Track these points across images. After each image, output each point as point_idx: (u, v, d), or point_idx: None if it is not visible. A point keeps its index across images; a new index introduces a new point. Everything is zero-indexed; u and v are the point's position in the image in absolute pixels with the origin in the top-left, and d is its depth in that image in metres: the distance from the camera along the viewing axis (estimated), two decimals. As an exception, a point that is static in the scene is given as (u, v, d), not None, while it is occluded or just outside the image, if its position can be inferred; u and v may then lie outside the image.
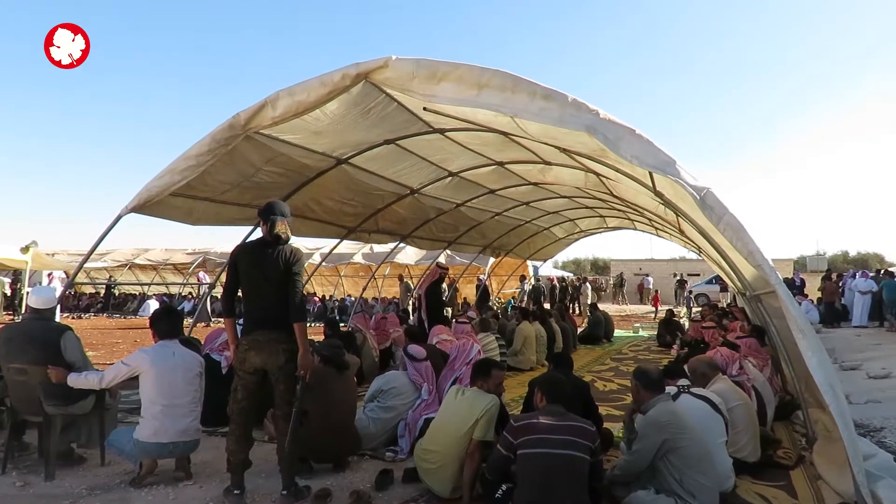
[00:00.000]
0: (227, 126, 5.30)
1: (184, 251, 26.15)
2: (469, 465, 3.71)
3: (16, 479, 4.06)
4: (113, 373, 4.06)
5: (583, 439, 3.19)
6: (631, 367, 8.66)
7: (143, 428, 3.96)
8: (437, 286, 10.48)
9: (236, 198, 6.79)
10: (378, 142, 6.72)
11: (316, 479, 4.07)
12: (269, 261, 3.74)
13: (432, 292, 10.28)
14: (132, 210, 5.84)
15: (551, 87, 3.94)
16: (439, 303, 10.56)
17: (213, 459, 4.40)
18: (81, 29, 6.80)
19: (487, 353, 7.43)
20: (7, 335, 4.29)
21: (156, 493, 3.89)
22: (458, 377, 5.37)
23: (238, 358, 3.79)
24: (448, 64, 4.26)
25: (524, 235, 15.52)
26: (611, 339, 14.03)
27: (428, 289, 10.29)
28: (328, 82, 4.83)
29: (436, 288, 10.42)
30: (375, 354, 8.22)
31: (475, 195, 10.27)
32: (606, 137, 3.72)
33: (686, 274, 30.60)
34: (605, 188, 8.56)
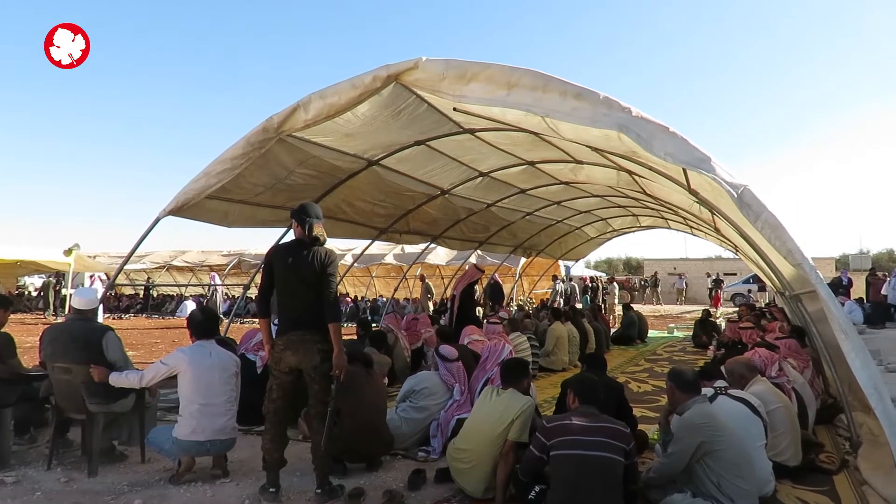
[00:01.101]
0: (261, 129, 5.38)
1: (219, 252, 26.67)
2: (503, 466, 3.69)
3: (61, 475, 4.19)
4: (152, 372, 4.16)
5: (617, 441, 3.15)
6: (665, 368, 8.54)
7: (182, 426, 4.04)
8: (471, 287, 10.52)
9: (270, 200, 6.88)
10: (408, 143, 6.75)
11: (349, 479, 4.11)
12: (304, 262, 3.78)
13: (467, 293, 10.32)
14: (170, 213, 5.97)
15: (582, 86, 3.90)
16: (472, 303, 10.60)
17: (249, 457, 4.47)
18: (81, 29, 6.76)
19: (519, 353, 7.40)
20: (51, 336, 4.43)
21: (194, 490, 3.97)
22: (490, 377, 5.35)
23: (273, 358, 3.84)
24: (478, 64, 4.26)
25: (555, 235, 15.40)
26: (644, 339, 13.83)
27: (464, 289, 10.34)
28: (359, 84, 4.87)
29: (470, 289, 10.47)
30: (407, 355, 8.25)
31: (506, 195, 10.23)
32: (639, 136, 3.66)
33: (722, 273, 29.97)
34: (638, 187, 8.45)
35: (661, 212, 12.19)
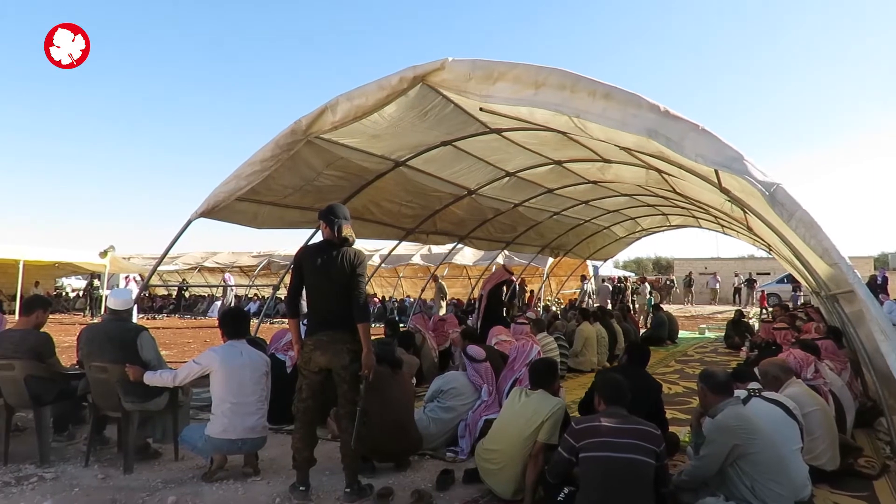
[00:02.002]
0: (289, 132, 5.44)
1: (249, 254, 27.08)
2: (532, 468, 3.67)
3: (98, 472, 4.30)
4: (185, 371, 4.24)
5: (647, 443, 3.11)
6: (697, 370, 8.40)
7: (214, 425, 4.11)
8: (499, 288, 10.55)
9: (298, 201, 6.96)
10: (435, 143, 6.76)
11: (378, 478, 4.13)
12: (333, 263, 3.81)
13: (494, 293, 10.33)
14: (201, 215, 6.08)
15: (611, 84, 3.85)
16: (499, 304, 10.62)
17: (279, 456, 4.52)
18: (82, 29, 6.71)
19: (547, 354, 7.35)
20: (88, 335, 4.54)
21: (226, 487, 4.03)
22: (518, 378, 5.33)
23: (303, 358, 3.88)
24: (504, 64, 4.24)
25: (583, 235, 15.27)
26: (675, 340, 13.63)
27: (492, 290, 10.35)
28: (386, 86, 4.89)
29: (498, 290, 10.49)
30: (435, 355, 8.26)
31: (533, 195, 10.18)
32: (669, 139, 3.61)
33: (755, 273, 29.39)
34: (667, 185, 8.34)
35: (692, 210, 12.00)
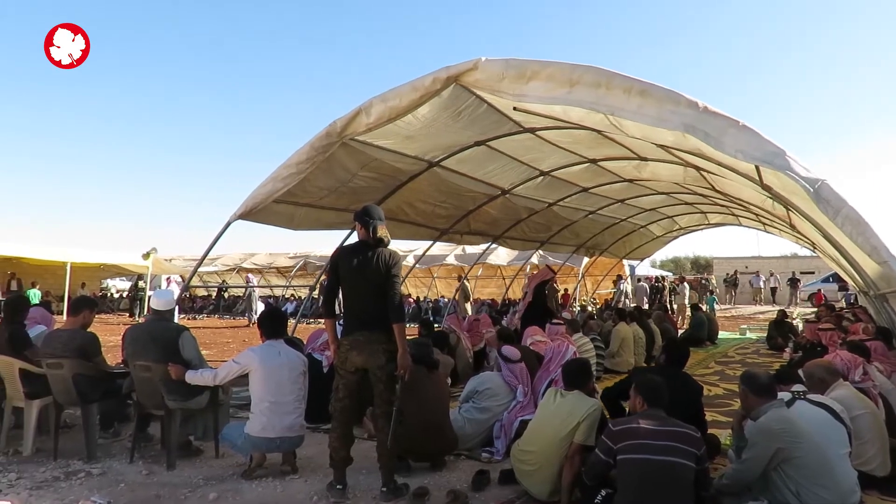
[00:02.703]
0: (325, 134, 5.51)
1: (286, 255, 27.53)
2: (568, 469, 3.64)
3: (142, 468, 4.41)
4: (225, 370, 4.32)
5: (687, 445, 3.05)
6: (738, 371, 8.20)
7: (253, 423, 4.18)
8: (543, 287, 10.60)
9: (333, 203, 7.04)
10: (468, 143, 6.76)
11: (414, 478, 4.14)
12: (368, 263, 3.83)
13: (539, 292, 10.39)
14: (240, 217, 6.20)
15: (647, 81, 3.81)
16: (543, 302, 10.70)
17: (317, 455, 4.57)
18: (82, 29, 6.64)
19: (583, 354, 7.27)
20: (132, 335, 4.67)
21: (265, 485, 4.10)
22: (554, 379, 5.28)
23: (339, 357, 3.92)
24: (538, 62, 4.22)
25: (619, 234, 15.07)
26: (715, 341, 13.33)
27: (537, 287, 10.42)
28: (419, 87, 4.92)
29: (542, 288, 10.56)
30: (469, 355, 8.25)
31: (567, 194, 10.10)
32: (707, 134, 3.53)
33: (799, 272, 28.55)
34: (706, 183, 8.17)
35: (732, 208, 11.73)
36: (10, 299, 5.86)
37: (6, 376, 4.79)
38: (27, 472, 4.26)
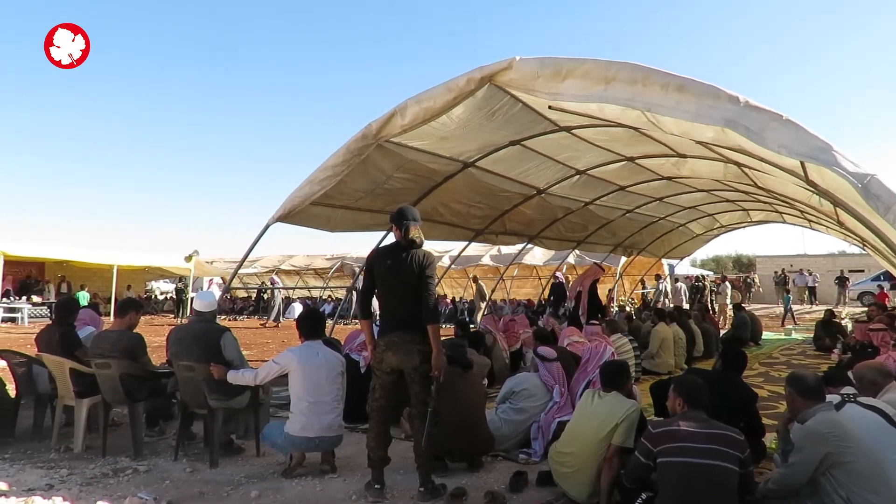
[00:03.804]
0: (360, 136, 5.56)
1: (323, 256, 27.90)
2: (607, 471, 3.59)
3: (186, 466, 4.52)
4: (265, 371, 4.40)
5: (731, 448, 2.97)
6: (783, 373, 7.99)
7: (292, 422, 4.24)
8: (595, 285, 10.66)
9: (369, 204, 7.10)
10: (503, 143, 6.74)
11: (451, 478, 4.14)
12: (403, 264, 3.85)
13: (592, 290, 10.44)
14: (278, 219, 6.31)
15: (685, 77, 3.73)
16: (597, 300, 10.75)
17: (355, 454, 4.62)
18: (81, 29, 6.67)
19: (621, 355, 7.17)
20: (176, 336, 4.80)
21: (305, 483, 4.15)
22: (592, 380, 5.23)
23: (376, 358, 3.95)
24: (573, 60, 4.18)
25: (658, 233, 14.81)
26: (758, 341, 12.98)
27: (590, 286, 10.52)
28: (454, 87, 4.92)
29: (594, 286, 10.61)
30: (506, 356, 8.23)
31: (604, 193, 9.97)
32: (749, 129, 3.44)
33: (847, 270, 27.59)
34: (748, 179, 7.96)
35: (775, 205, 11.42)
36: (62, 301, 6.08)
37: (57, 376, 4.97)
38: (78, 468, 4.41)
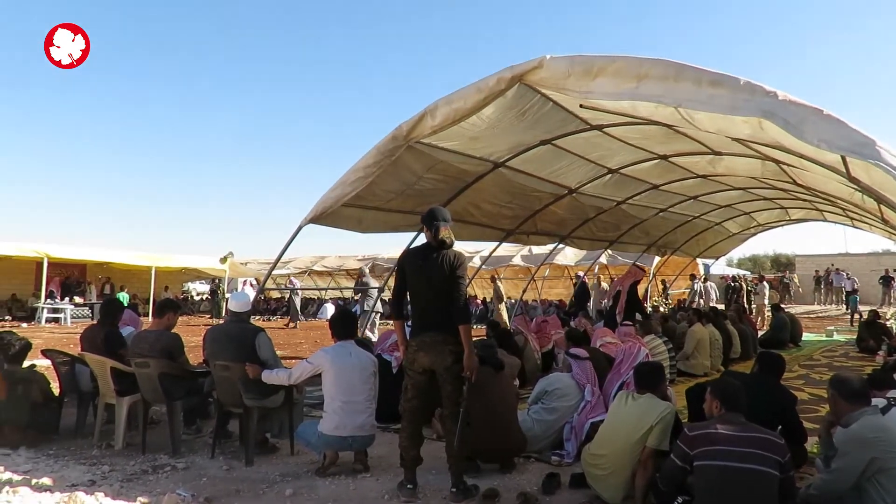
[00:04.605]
0: (391, 138, 5.60)
1: (355, 257, 28.09)
2: (642, 474, 3.54)
3: (222, 463, 4.61)
4: (299, 370, 4.45)
5: (770, 452, 2.90)
6: (825, 375, 7.79)
7: (326, 422, 4.28)
8: (635, 286, 10.62)
9: (400, 205, 7.14)
10: (534, 143, 6.71)
11: (483, 479, 4.13)
12: (433, 265, 3.86)
13: (632, 292, 10.37)
14: (311, 221, 6.38)
15: (720, 72, 3.67)
16: (636, 302, 10.68)
17: (388, 454, 4.64)
18: (82, 29, 6.65)
19: (655, 357, 7.07)
20: (213, 336, 4.89)
21: (338, 482, 4.19)
22: (625, 381, 5.16)
23: (408, 358, 3.97)
24: (604, 58, 4.14)
25: (692, 232, 14.56)
26: (798, 343, 12.65)
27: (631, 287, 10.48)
28: (484, 88, 4.92)
29: (634, 287, 10.54)
30: (537, 356, 8.18)
31: (637, 192, 9.85)
32: (787, 122, 3.36)
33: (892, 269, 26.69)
34: (786, 176, 7.77)
35: (815, 203, 11.12)
36: (107, 302, 6.26)
37: (99, 374, 5.12)
38: (118, 464, 4.53)
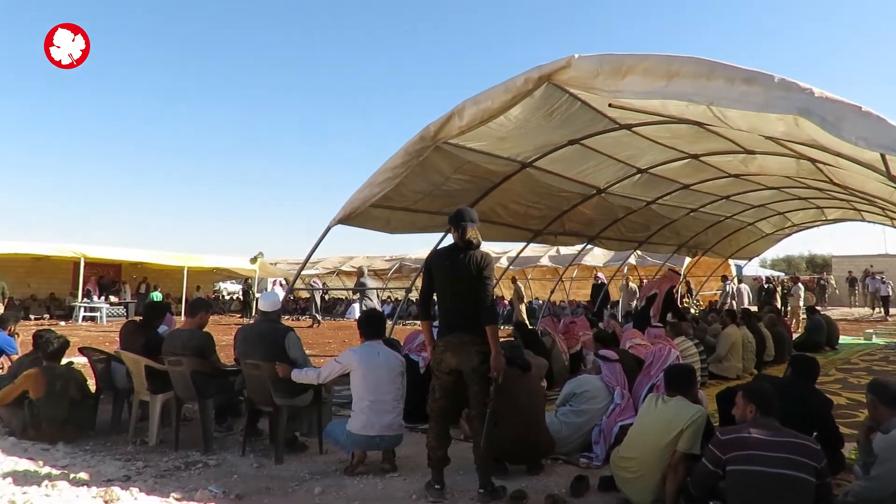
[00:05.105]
0: (418, 138, 5.62)
1: (382, 258, 28.28)
2: (672, 478, 3.49)
3: (253, 461, 4.67)
4: (328, 370, 4.49)
5: (806, 458, 2.83)
6: (864, 380, 7.58)
7: (354, 421, 4.32)
8: (671, 290, 10.68)
9: (427, 206, 7.15)
10: (562, 143, 6.66)
11: (511, 481, 4.11)
12: (460, 266, 3.86)
13: (669, 297, 10.45)
14: (339, 221, 6.44)
15: (753, 69, 3.60)
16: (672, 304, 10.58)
17: (415, 454, 4.65)
18: (82, 29, 6.68)
19: (685, 359, 6.96)
20: (243, 335, 4.97)
21: (366, 482, 4.21)
22: (655, 384, 5.09)
23: (435, 359, 3.97)
24: (634, 56, 4.10)
25: (724, 232, 14.29)
26: (835, 346, 12.32)
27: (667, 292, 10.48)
28: (511, 88, 4.90)
29: (671, 291, 10.61)
30: (565, 358, 8.11)
31: (667, 191, 9.71)
32: (824, 119, 3.28)
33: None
34: (822, 175, 7.58)
35: (853, 202, 10.83)
36: (152, 306, 6.39)
37: (134, 372, 5.24)
38: (152, 461, 4.62)
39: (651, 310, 10.26)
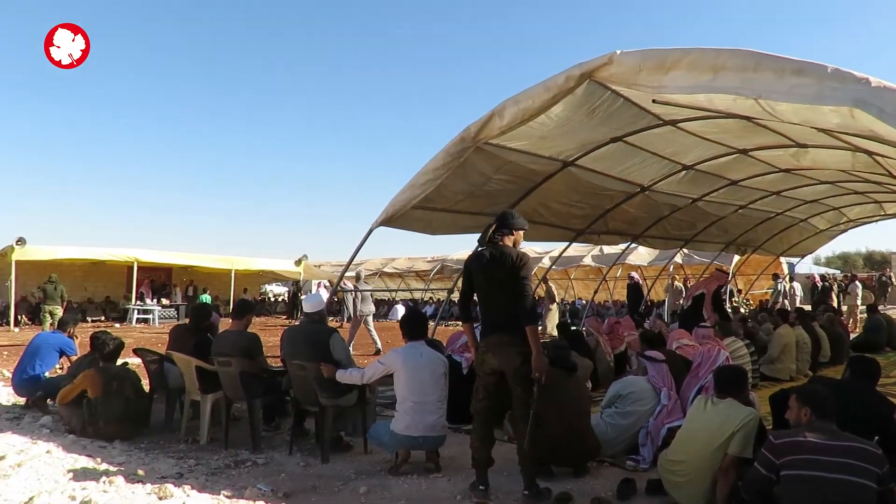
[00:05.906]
0: (459, 139, 5.62)
1: (424, 259, 28.43)
2: (723, 483, 3.39)
3: (299, 460, 4.75)
4: (372, 370, 4.54)
5: (867, 464, 2.71)
6: (927, 382, 7.22)
7: (398, 421, 4.35)
8: (719, 290, 10.55)
9: (469, 207, 7.14)
10: (604, 140, 6.56)
11: (556, 483, 4.07)
12: (497, 266, 3.86)
13: (717, 297, 10.29)
14: (381, 224, 6.50)
15: (803, 60, 3.47)
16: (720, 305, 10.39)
17: (459, 455, 4.65)
18: (82, 29, 6.70)
19: (735, 360, 6.76)
20: (289, 336, 5.07)
21: (410, 482, 4.24)
22: (704, 385, 4.97)
23: (477, 360, 3.97)
24: (678, 51, 4.02)
25: (775, 229, 13.80)
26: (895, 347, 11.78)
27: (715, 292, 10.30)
28: (552, 86, 4.86)
29: (719, 291, 10.48)
30: (610, 359, 7.99)
31: (714, 188, 9.44)
32: (882, 110, 3.14)
33: None
34: (880, 169, 7.25)
35: (914, 196, 10.34)
36: (199, 309, 6.60)
37: (185, 372, 5.40)
38: (203, 459, 4.75)
39: (703, 311, 10.04)
